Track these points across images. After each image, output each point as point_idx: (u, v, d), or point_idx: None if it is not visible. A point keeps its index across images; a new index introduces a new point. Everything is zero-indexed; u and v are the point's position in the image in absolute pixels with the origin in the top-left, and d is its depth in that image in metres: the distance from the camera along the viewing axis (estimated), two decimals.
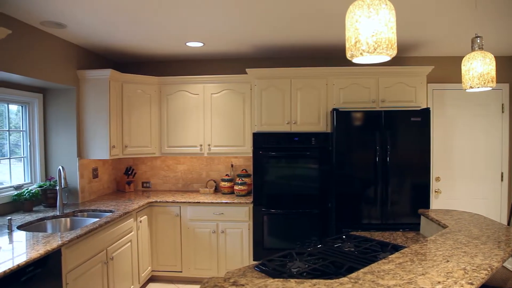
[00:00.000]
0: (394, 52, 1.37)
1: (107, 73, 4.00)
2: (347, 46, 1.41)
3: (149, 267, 4.20)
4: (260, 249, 4.07)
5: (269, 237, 4.06)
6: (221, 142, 4.45)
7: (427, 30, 3.54)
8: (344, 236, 2.47)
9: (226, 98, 4.44)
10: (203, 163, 4.89)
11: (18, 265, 2.14)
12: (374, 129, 3.74)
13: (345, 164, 3.79)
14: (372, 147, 3.74)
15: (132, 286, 3.74)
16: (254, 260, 4.10)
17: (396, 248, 2.17)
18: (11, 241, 2.61)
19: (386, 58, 1.45)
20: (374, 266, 1.55)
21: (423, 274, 1.45)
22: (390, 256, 1.68)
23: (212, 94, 4.46)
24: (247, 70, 4.15)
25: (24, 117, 3.87)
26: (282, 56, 4.63)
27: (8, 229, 2.88)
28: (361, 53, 1.35)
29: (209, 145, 4.46)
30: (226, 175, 4.66)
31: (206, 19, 3.18)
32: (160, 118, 4.57)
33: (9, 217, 2.97)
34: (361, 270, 1.51)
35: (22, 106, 3.84)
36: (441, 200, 4.62)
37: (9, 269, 2.07)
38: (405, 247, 2.09)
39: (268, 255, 2.09)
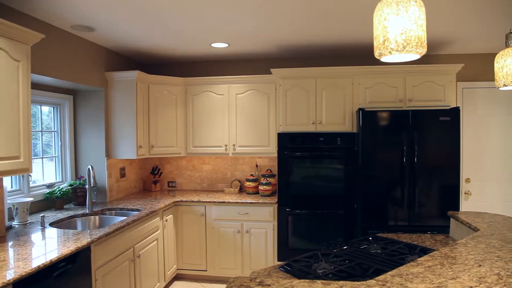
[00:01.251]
0: (424, 50, 1.34)
1: (134, 74, 4.08)
2: (375, 44, 1.39)
3: (175, 266, 4.26)
4: (284, 249, 4.06)
5: (293, 237, 4.04)
6: (246, 142, 4.46)
7: (457, 27, 3.44)
8: (370, 238, 2.43)
9: (251, 98, 4.45)
10: (228, 163, 4.92)
11: (51, 260, 2.21)
12: (401, 129, 3.67)
13: (371, 165, 3.73)
14: (399, 147, 3.67)
15: (158, 284, 3.80)
16: (278, 260, 4.09)
17: (424, 251, 2.12)
18: (43, 237, 2.70)
19: (415, 57, 1.41)
20: (402, 269, 1.52)
21: (453, 278, 1.41)
22: (419, 259, 1.64)
23: (237, 94, 4.48)
24: (271, 70, 4.15)
25: (56, 118, 4.00)
26: (306, 55, 4.61)
27: (41, 226, 2.99)
28: (389, 52, 1.32)
29: (234, 145, 4.48)
30: (251, 175, 4.68)
31: (231, 20, 3.20)
32: (186, 118, 4.63)
33: (42, 214, 3.08)
34: (389, 272, 1.49)
35: (53, 108, 3.97)
36: (471, 202, 4.49)
37: (43, 264, 2.15)
38: (434, 250, 2.04)
39: (293, 256, 2.09)
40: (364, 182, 3.74)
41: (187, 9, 2.93)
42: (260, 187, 4.42)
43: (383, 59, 1.44)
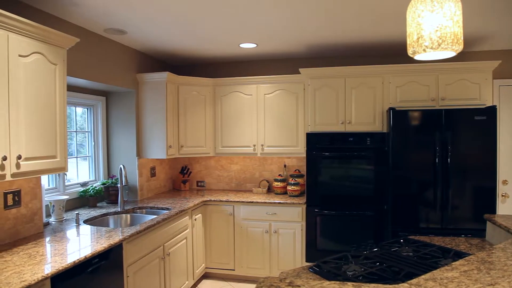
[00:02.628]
0: (460, 48, 1.30)
1: (164, 76, 4.15)
2: (408, 42, 1.35)
3: (203, 264, 4.31)
4: (313, 250, 4.03)
5: (322, 238, 4.00)
6: (274, 142, 4.46)
7: (493, 21, 3.31)
8: (401, 240, 2.37)
9: (279, 98, 4.44)
10: (256, 163, 4.93)
11: (85, 256, 2.28)
12: (434, 128, 3.57)
13: (402, 165, 3.65)
14: (431, 147, 3.57)
15: (187, 282, 3.85)
16: (306, 261, 4.07)
17: (459, 255, 2.05)
18: (78, 234, 2.79)
19: (451, 54, 1.37)
20: (436, 273, 1.47)
21: (491, 285, 1.36)
22: (453, 263, 1.59)
23: (265, 94, 4.48)
24: (300, 69, 4.13)
25: (89, 118, 4.12)
26: (335, 54, 4.55)
27: (76, 223, 3.09)
28: (424, 50, 1.29)
29: (262, 145, 4.49)
30: (279, 175, 4.67)
31: (260, 20, 3.20)
32: (215, 118, 4.67)
33: (76, 212, 3.18)
34: (422, 276, 1.45)
35: (87, 109, 4.10)
36: (509, 205, 4.31)
37: (78, 259, 2.22)
38: (470, 254, 1.97)
39: (321, 257, 2.07)
40: (395, 183, 3.66)
41: (216, 11, 2.95)
42: (289, 187, 4.41)
43: (417, 57, 1.40)
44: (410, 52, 1.36)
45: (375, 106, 3.95)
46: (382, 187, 3.87)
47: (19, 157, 2.28)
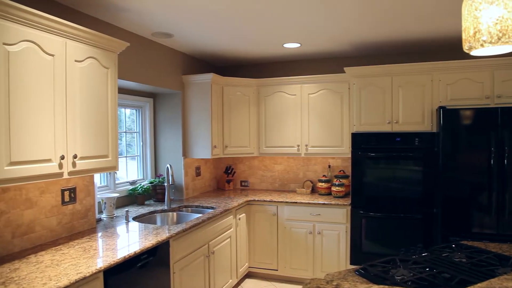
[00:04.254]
0: None
1: (209, 77, 4.23)
2: (463, 37, 1.29)
3: (246, 264, 4.34)
4: (357, 253, 3.94)
5: (367, 241, 3.91)
6: (318, 143, 4.41)
7: None
8: (453, 245, 2.26)
9: (323, 98, 4.39)
10: (300, 163, 4.90)
11: (135, 252, 2.37)
12: (488, 128, 3.37)
13: (453, 167, 3.48)
14: (485, 148, 3.38)
15: (231, 281, 3.89)
16: (351, 263, 3.98)
17: None
18: (127, 230, 2.91)
19: None
20: (494, 282, 1.39)
21: None
22: None
23: (309, 94, 4.45)
24: (345, 68, 4.05)
25: (138, 119, 4.28)
26: (381, 52, 4.43)
27: (126, 220, 3.22)
28: (481, 44, 1.21)
29: (306, 145, 4.45)
30: (323, 175, 4.61)
31: (304, 20, 3.18)
32: (258, 118, 4.69)
33: (126, 209, 3.31)
34: (478, 284, 1.37)
35: (135, 110, 4.25)
36: None
37: (128, 255, 2.31)
38: None
39: (366, 260, 2.02)
40: (445, 185, 3.50)
41: (261, 12, 2.97)
42: (333, 188, 4.34)
43: (473, 53, 1.33)
44: (466, 47, 1.29)
45: (424, 105, 3.80)
46: (431, 190, 3.71)
47: (75, 156, 2.40)
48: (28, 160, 2.10)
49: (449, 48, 4.15)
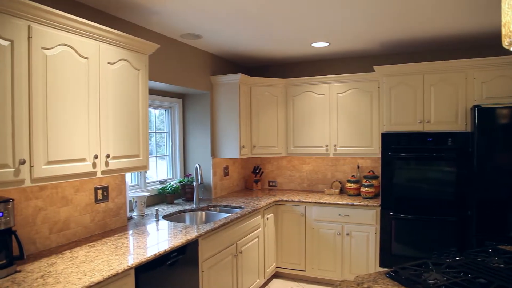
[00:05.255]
0: None
1: (237, 77, 4.25)
2: (503, 32, 1.23)
3: (274, 264, 4.34)
4: (387, 255, 3.86)
5: (397, 243, 3.82)
6: (347, 143, 4.35)
7: None
8: (490, 250, 2.18)
9: (352, 97, 4.33)
10: (328, 163, 4.85)
11: (165, 250, 2.42)
12: None
13: (489, 168, 3.36)
14: None
15: (258, 280, 3.90)
16: (380, 266, 3.91)
17: None
18: (157, 228, 2.96)
19: None
20: None
21: None
22: None
23: (337, 93, 4.40)
24: (374, 67, 3.98)
25: (167, 120, 4.36)
26: (411, 50, 4.33)
27: (156, 218, 3.28)
28: None
29: (335, 145, 4.41)
30: (352, 176, 4.55)
31: (332, 19, 3.15)
32: (286, 118, 4.68)
33: (156, 208, 3.38)
34: None
35: (165, 110, 4.33)
36: None
37: (158, 252, 2.36)
38: None
39: (396, 262, 1.97)
40: (480, 187, 3.38)
41: (288, 12, 2.96)
42: (362, 189, 4.28)
43: None
44: (505, 43, 1.24)
45: (458, 104, 3.69)
46: (465, 191, 3.59)
47: (107, 156, 2.48)
48: (64, 159, 2.17)
49: (482, 44, 4.00)
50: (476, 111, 3.39)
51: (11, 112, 1.89)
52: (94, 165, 2.38)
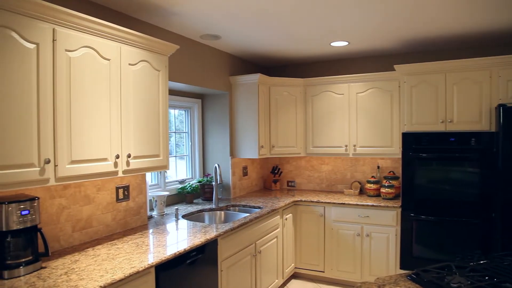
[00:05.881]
0: None
1: (256, 77, 4.25)
2: None
3: (292, 264, 4.32)
4: (408, 257, 3.80)
5: (418, 245, 3.76)
6: (367, 143, 4.30)
7: None
8: None
9: (372, 97, 4.27)
10: (347, 163, 4.81)
11: (184, 249, 2.44)
12: None
13: None
14: None
15: (277, 280, 3.89)
16: (401, 268, 3.85)
17: None
18: (177, 227, 2.99)
19: None
20: None
21: None
22: None
23: (357, 93, 4.35)
24: (395, 66, 3.92)
25: (186, 120, 4.40)
26: (433, 48, 4.25)
27: (175, 217, 3.32)
28: None
29: (354, 145, 4.36)
30: (372, 176, 4.49)
31: (352, 18, 3.11)
32: (305, 118, 4.66)
33: (176, 207, 3.42)
34: None
35: (184, 111, 4.37)
36: None
37: (178, 251, 2.38)
38: None
39: (417, 265, 1.94)
40: (506, 188, 3.29)
41: (308, 11, 2.94)
42: (382, 190, 4.22)
43: None
44: None
45: (482, 103, 3.60)
46: (489, 193, 3.50)
47: (128, 156, 2.51)
48: (86, 159, 2.22)
49: (508, 41, 3.89)
50: (501, 110, 3.30)
51: (37, 113, 1.94)
52: (115, 164, 2.42)
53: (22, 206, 2.00)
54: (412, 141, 3.79)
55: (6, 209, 1.95)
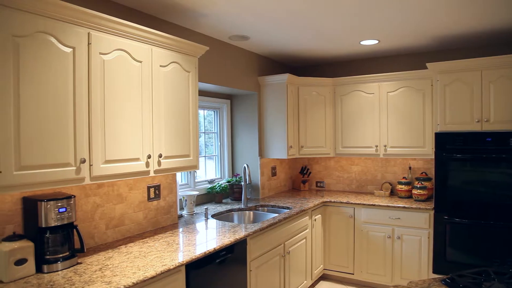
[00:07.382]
0: None
1: (285, 77, 4.24)
2: None
3: (321, 265, 4.29)
4: (441, 261, 3.69)
5: (451, 249, 3.64)
6: (398, 143, 4.21)
7: None
8: None
9: (403, 96, 4.18)
10: (378, 164, 4.72)
11: (214, 248, 2.47)
12: None
13: None
14: None
15: (305, 282, 3.87)
16: (433, 272, 3.74)
17: None
18: (207, 227, 3.03)
19: None
20: None
21: None
22: None
23: (388, 92, 4.26)
24: (427, 64, 3.82)
25: (216, 120, 4.44)
26: (467, 45, 4.11)
27: (205, 217, 3.35)
28: None
29: (385, 146, 4.28)
30: (403, 177, 4.39)
31: (382, 15, 3.06)
32: (335, 118, 4.61)
33: (205, 207, 3.45)
34: None
35: (213, 111, 4.42)
36: None
37: (208, 250, 2.41)
38: None
39: (451, 269, 1.88)
40: None
41: (336, 10, 2.91)
42: (414, 191, 4.12)
43: None
44: None
45: None
46: None
47: (160, 156, 2.57)
48: (119, 159, 2.28)
49: None
50: None
51: (73, 114, 2.01)
52: (147, 164, 2.48)
53: (59, 204, 2.08)
54: (445, 141, 3.68)
55: (45, 207, 2.03)
